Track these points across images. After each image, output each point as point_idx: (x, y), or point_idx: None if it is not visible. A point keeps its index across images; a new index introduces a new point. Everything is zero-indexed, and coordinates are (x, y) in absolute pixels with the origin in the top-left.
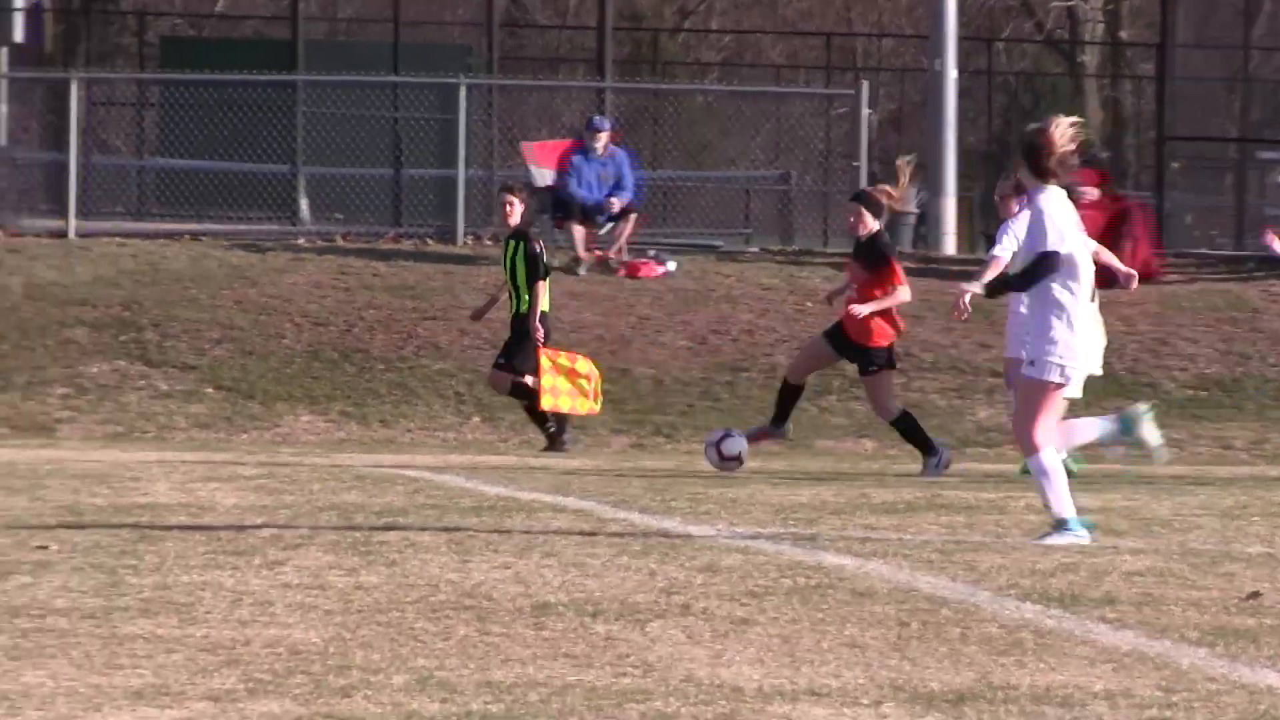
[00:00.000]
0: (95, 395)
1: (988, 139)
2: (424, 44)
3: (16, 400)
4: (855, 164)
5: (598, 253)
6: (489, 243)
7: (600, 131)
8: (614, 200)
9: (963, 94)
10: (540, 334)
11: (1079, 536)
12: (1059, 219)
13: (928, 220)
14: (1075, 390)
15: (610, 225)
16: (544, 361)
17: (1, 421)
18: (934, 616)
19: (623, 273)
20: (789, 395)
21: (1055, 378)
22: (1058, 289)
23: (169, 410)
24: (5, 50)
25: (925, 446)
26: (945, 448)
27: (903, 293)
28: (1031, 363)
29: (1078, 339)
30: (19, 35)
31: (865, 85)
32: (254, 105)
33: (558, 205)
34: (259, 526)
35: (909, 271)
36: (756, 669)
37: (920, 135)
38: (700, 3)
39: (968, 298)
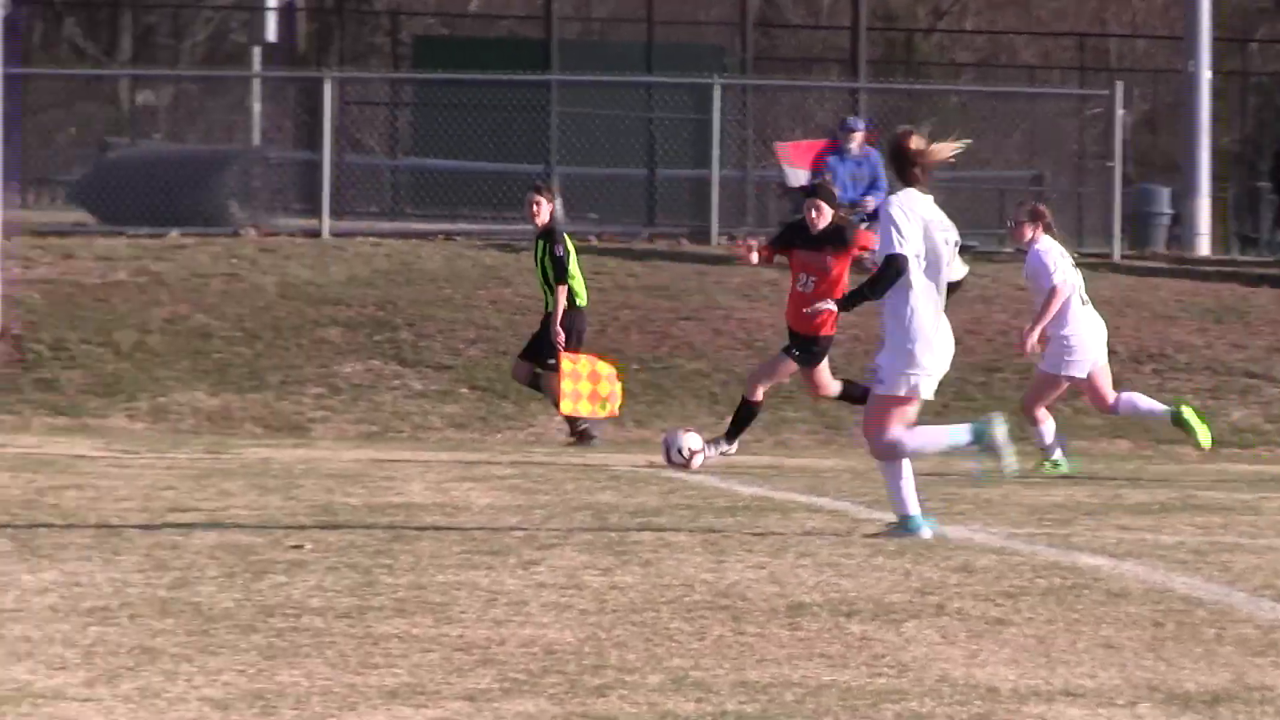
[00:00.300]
0: (349, 395)
1: (1241, 140)
2: (677, 44)
3: (271, 400)
4: (1109, 164)
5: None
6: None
7: (854, 132)
8: (868, 200)
9: (1216, 95)
10: (561, 338)
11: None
12: (911, 221)
13: (1181, 221)
14: (928, 394)
15: (864, 225)
16: (565, 365)
17: (256, 421)
18: (1189, 617)
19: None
20: (851, 394)
21: (902, 391)
22: (908, 298)
23: (423, 410)
24: (258, 50)
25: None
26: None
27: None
28: (881, 381)
29: (930, 349)
30: (272, 35)
31: (1120, 86)
32: (508, 105)
33: None
34: (513, 526)
35: (1163, 272)
36: (1011, 669)
37: (1174, 136)
38: (954, 3)
39: (822, 306)
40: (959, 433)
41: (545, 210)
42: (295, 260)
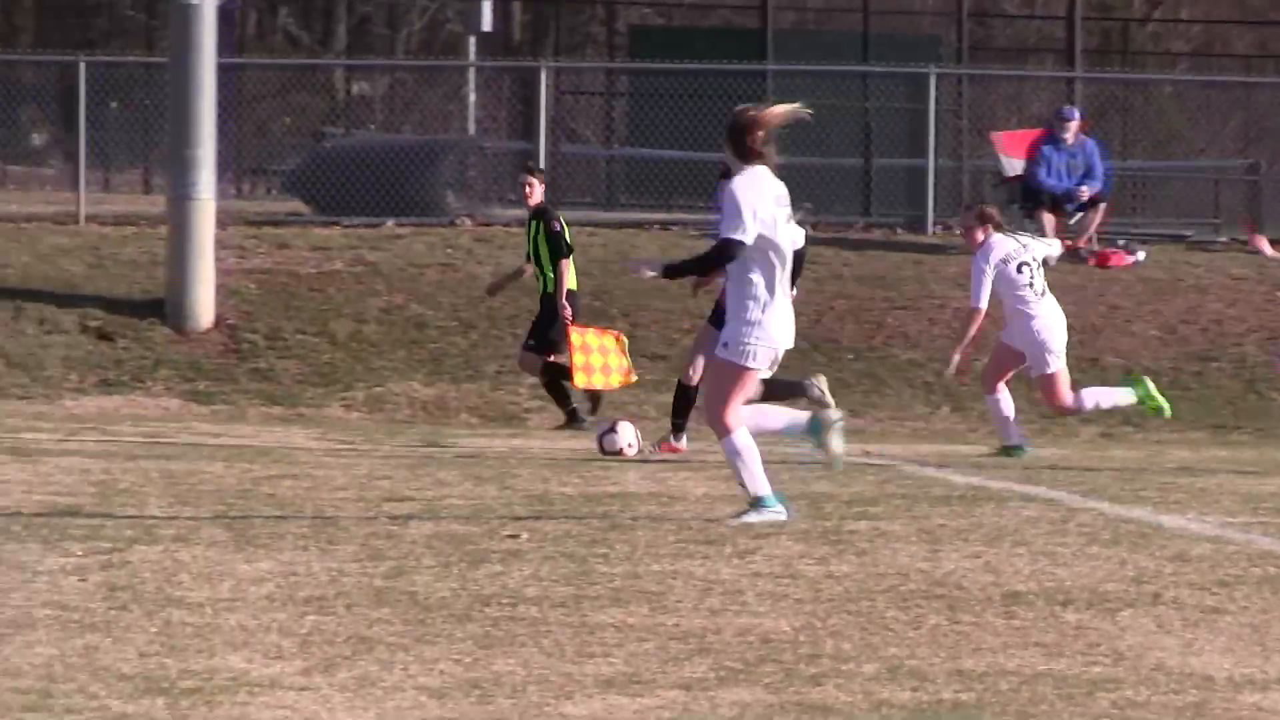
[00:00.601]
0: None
1: None
2: (893, 34)
3: (486, 390)
4: None
5: (1067, 242)
6: (959, 233)
7: (1069, 121)
8: (1083, 189)
9: None
10: (568, 313)
11: (776, 513)
12: (754, 202)
13: None
14: (765, 365)
15: (1079, 214)
16: (574, 339)
17: (471, 411)
18: None
19: (1093, 262)
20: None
21: (749, 362)
22: (753, 271)
23: (638, 400)
24: (474, 40)
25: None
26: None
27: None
28: (725, 344)
29: (773, 321)
30: (487, 24)
31: None
32: (723, 94)
33: (1027, 194)
34: (729, 516)
35: None
36: (1227, 658)
37: None
38: None
39: (647, 274)
40: (797, 423)
41: (538, 191)
42: (510, 249)
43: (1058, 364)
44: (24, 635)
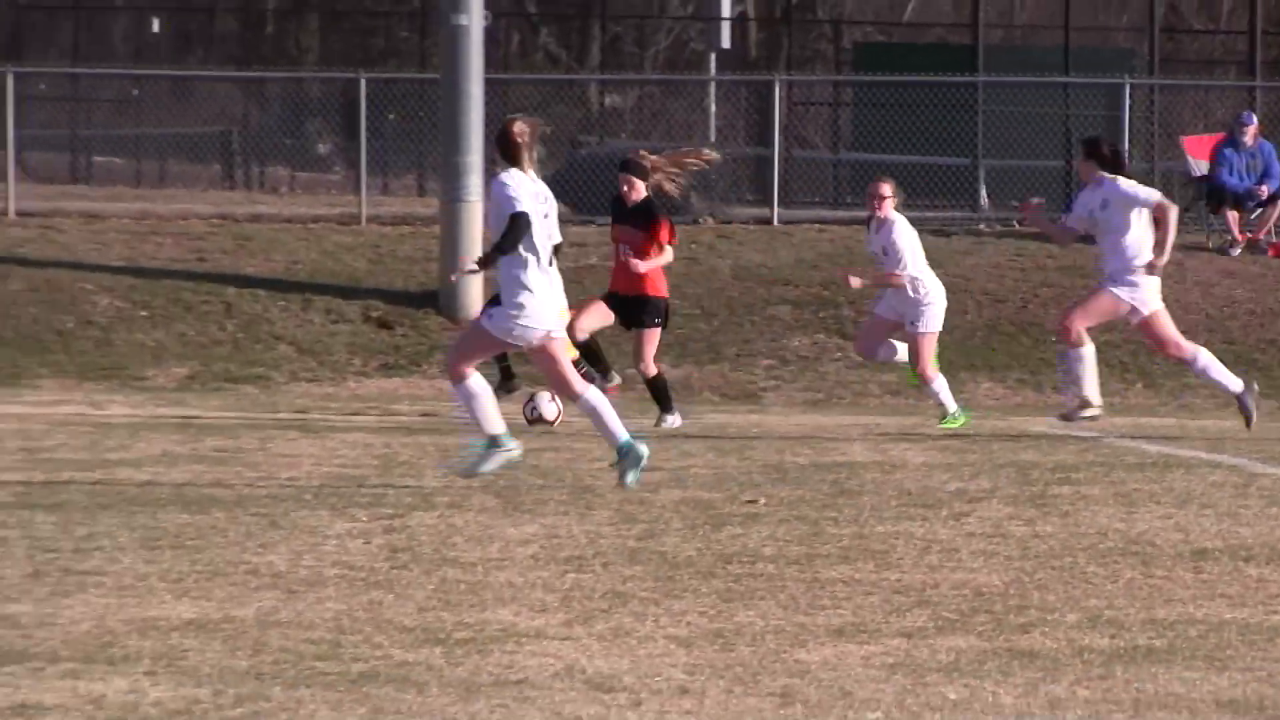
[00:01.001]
0: (796, 366)
1: None
2: (1092, 47)
3: (725, 370)
4: None
5: (1247, 235)
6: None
7: (1248, 125)
8: (1263, 188)
9: None
10: None
11: (510, 451)
12: (518, 192)
13: None
14: (530, 342)
15: (1259, 210)
16: None
17: (713, 390)
18: None
19: (1271, 253)
20: (587, 351)
21: (510, 338)
22: (519, 259)
23: (863, 379)
24: (714, 56)
25: (666, 406)
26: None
27: (670, 252)
28: (490, 315)
29: (538, 303)
30: (726, 43)
31: None
32: (938, 104)
33: (1212, 193)
34: (945, 482)
35: None
36: None
37: None
38: None
39: (466, 268)
40: (495, 424)
41: None
42: (748, 245)
43: (939, 325)
44: (315, 592)
